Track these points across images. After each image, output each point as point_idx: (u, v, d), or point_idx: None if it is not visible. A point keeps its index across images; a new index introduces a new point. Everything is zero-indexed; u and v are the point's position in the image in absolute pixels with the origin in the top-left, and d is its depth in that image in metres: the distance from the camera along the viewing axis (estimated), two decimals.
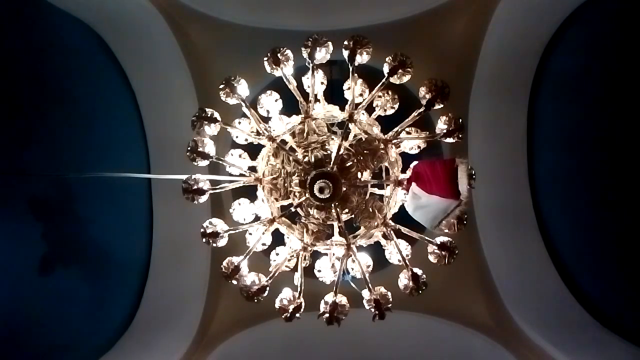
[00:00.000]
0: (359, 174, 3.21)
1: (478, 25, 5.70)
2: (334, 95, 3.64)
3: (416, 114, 3.03)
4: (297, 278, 3.14)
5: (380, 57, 3.03)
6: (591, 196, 5.36)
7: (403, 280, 3.07)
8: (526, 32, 5.70)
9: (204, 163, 3.15)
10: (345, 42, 3.01)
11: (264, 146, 3.31)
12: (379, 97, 3.47)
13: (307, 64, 3.09)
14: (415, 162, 3.10)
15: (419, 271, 3.04)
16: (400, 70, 3.00)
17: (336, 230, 3.40)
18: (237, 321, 6.24)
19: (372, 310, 2.98)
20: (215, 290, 6.25)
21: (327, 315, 2.94)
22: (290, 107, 3.42)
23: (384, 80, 3.08)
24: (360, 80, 3.45)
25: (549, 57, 5.87)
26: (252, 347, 6.24)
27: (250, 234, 3.42)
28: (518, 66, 6.05)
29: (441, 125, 3.04)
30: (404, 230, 3.19)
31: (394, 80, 3.06)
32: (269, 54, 3.14)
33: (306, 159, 3.19)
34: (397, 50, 3.01)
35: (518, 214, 6.31)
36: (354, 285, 3.35)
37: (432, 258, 3.08)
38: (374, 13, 5.89)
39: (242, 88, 3.23)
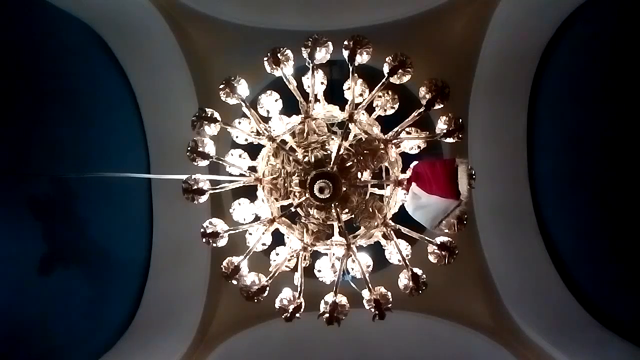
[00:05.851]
0: (359, 174, 3.21)
1: (478, 25, 5.70)
2: (334, 95, 3.64)
3: (416, 114, 3.04)
4: (297, 278, 3.14)
5: (380, 57, 3.03)
6: (591, 196, 5.36)
7: (403, 280, 3.07)
8: (526, 32, 5.70)
9: (204, 163, 3.16)
10: (345, 42, 3.01)
11: (264, 146, 3.31)
12: (379, 97, 3.47)
13: (307, 64, 3.09)
14: (415, 162, 3.10)
15: (419, 271, 3.04)
16: (400, 70, 3.00)
17: (336, 230, 3.40)
18: (237, 321, 6.23)
19: (372, 310, 2.98)
20: (215, 290, 6.25)
21: (327, 315, 2.93)
22: (290, 107, 3.42)
23: (384, 80, 3.08)
24: (360, 80, 3.45)
25: (549, 57, 5.88)
26: (252, 347, 6.24)
27: (250, 234, 3.42)
28: (518, 66, 6.05)
29: (441, 125, 3.05)
30: (404, 230, 3.18)
31: (394, 80, 3.06)
32: (269, 54, 3.14)
33: (306, 159, 3.19)
34: (397, 50, 3.01)
35: (518, 214, 6.31)
36: (354, 285, 3.34)
37: (432, 258, 3.08)
38: (374, 13, 5.89)
39: (242, 88, 3.23)
